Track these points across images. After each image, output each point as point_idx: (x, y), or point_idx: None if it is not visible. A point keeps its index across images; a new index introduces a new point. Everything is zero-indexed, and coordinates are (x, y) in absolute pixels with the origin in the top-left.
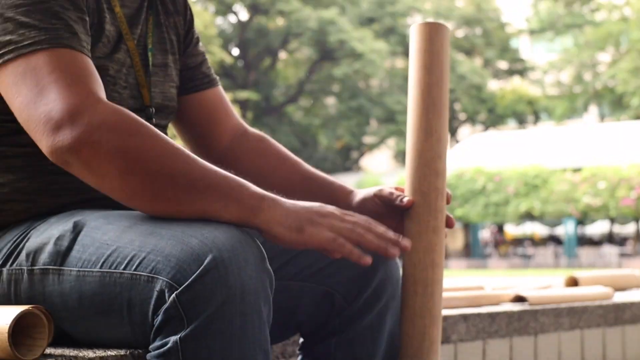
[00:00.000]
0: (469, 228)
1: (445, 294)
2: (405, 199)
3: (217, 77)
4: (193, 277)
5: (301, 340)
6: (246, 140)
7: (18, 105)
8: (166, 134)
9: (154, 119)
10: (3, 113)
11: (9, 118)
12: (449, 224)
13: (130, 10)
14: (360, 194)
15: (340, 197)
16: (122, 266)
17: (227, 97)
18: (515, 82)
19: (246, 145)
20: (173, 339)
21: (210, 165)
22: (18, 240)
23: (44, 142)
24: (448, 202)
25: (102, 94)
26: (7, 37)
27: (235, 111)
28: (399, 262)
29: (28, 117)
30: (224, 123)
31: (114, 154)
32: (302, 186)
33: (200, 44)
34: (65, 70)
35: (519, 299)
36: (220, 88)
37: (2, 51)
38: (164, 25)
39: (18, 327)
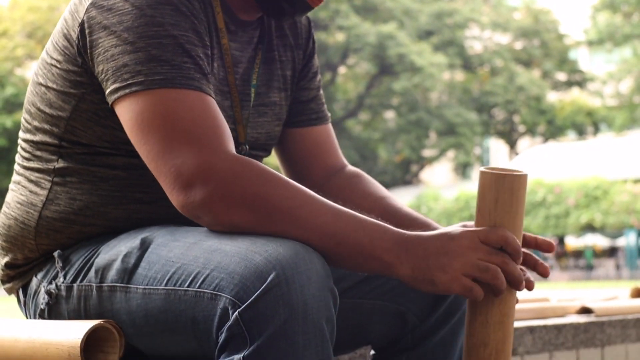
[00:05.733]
0: None
1: None
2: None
3: (329, 114)
4: (256, 294)
5: (372, 352)
6: (340, 177)
7: (146, 152)
8: None
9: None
10: (101, 139)
11: (105, 145)
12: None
13: (237, 44)
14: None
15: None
16: (187, 284)
17: (333, 134)
18: (574, 93)
19: (339, 182)
20: (236, 357)
21: (344, 211)
22: (89, 256)
23: (175, 197)
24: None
25: (231, 144)
26: (138, 67)
27: (338, 149)
28: None
29: (157, 168)
30: (323, 161)
31: (246, 207)
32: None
33: (318, 77)
34: (197, 118)
35: (585, 310)
36: (328, 126)
37: (131, 80)
38: (277, 61)
39: (90, 341)
